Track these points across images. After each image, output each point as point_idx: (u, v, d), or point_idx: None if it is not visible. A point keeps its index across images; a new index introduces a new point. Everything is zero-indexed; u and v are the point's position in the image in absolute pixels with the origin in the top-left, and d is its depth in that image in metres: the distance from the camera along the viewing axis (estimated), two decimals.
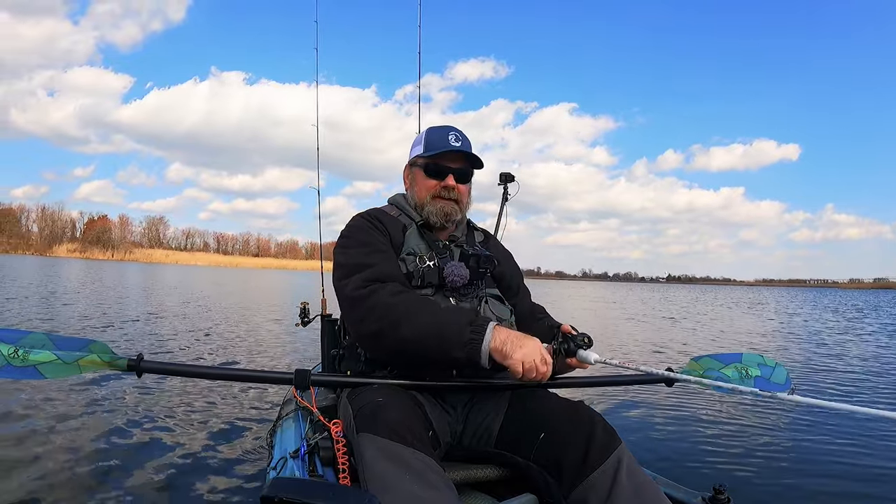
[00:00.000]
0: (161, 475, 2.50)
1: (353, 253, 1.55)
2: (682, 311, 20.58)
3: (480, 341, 1.34)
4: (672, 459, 3.17)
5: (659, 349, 8.57)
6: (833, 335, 11.54)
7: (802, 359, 7.71)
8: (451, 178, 1.66)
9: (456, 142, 1.66)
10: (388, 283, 1.45)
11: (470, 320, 1.38)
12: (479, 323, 1.38)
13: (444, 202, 1.66)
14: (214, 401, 3.86)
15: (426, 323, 1.37)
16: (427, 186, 1.68)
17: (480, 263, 1.61)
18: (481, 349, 1.34)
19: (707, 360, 1.82)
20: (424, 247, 1.64)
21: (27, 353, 1.29)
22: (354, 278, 1.47)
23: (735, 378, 1.78)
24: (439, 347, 1.36)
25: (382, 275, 1.48)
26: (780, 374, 1.85)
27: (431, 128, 1.75)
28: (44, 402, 3.51)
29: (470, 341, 1.34)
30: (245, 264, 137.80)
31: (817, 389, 5.43)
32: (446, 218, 1.66)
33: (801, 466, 3.09)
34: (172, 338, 7.19)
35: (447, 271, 1.56)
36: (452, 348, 1.35)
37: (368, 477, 1.15)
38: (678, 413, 4.20)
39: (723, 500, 1.40)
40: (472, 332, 1.35)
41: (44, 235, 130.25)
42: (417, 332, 1.36)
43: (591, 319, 14.85)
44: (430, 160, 1.67)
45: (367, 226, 1.64)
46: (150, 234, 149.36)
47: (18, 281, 17.70)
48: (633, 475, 1.22)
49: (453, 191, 1.66)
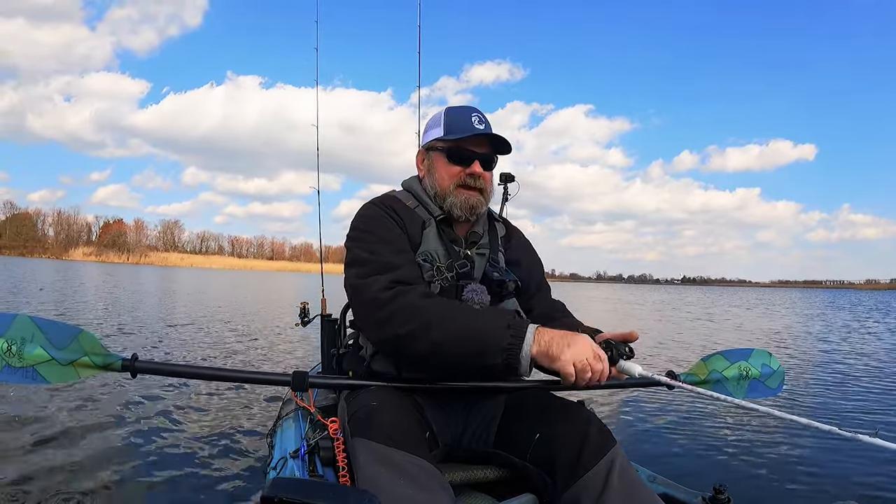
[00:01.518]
0: (161, 475, 2.50)
1: (377, 248, 1.41)
2: (708, 312, 20.46)
3: (520, 346, 1.22)
4: (672, 459, 3.17)
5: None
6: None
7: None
8: (476, 164, 1.50)
9: (479, 124, 1.51)
10: (417, 286, 1.36)
11: (508, 322, 1.25)
12: (519, 325, 1.24)
13: (468, 193, 1.51)
14: (215, 401, 3.86)
15: (461, 325, 1.25)
16: (450, 174, 1.52)
17: (504, 289, 1.50)
18: (521, 354, 1.22)
19: (715, 359, 1.78)
20: (443, 252, 1.50)
21: (21, 350, 1.25)
22: (381, 278, 1.34)
23: (734, 378, 1.75)
24: (475, 352, 1.24)
25: (408, 278, 1.37)
26: (776, 378, 1.83)
27: (451, 108, 1.58)
28: (40, 400, 3.50)
29: (509, 346, 1.22)
30: (259, 267, 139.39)
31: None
32: (471, 211, 1.52)
33: (801, 466, 3.08)
34: (177, 337, 7.20)
35: (467, 296, 1.45)
36: (488, 353, 1.23)
37: (362, 481, 1.15)
38: (678, 413, 4.21)
39: (723, 500, 1.40)
40: (512, 335, 1.22)
41: (59, 239, 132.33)
42: (451, 335, 1.25)
43: (626, 321, 14.73)
44: (453, 144, 1.51)
45: (384, 217, 1.49)
46: (165, 237, 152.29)
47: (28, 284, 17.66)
48: (625, 476, 1.21)
49: (479, 179, 1.51)
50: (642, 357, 7.59)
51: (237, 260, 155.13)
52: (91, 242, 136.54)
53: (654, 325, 13.63)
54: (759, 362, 1.82)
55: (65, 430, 3.03)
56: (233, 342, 7.21)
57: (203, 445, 2.95)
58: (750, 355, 1.82)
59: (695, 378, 1.74)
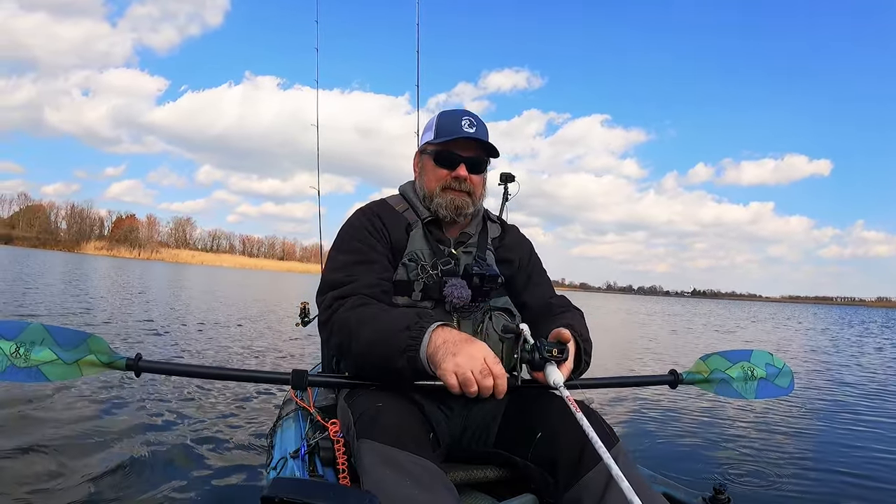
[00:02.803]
0: (161, 474, 2.50)
1: (339, 261, 1.48)
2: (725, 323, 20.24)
3: (418, 347, 1.19)
4: (672, 459, 3.16)
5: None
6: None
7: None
8: (462, 167, 1.52)
9: (469, 127, 1.52)
10: (351, 297, 1.38)
11: (409, 324, 1.23)
12: (419, 326, 1.21)
13: (454, 194, 1.53)
14: (215, 400, 3.85)
15: (371, 332, 1.26)
16: (437, 176, 1.55)
17: (484, 282, 1.49)
18: (419, 356, 1.19)
19: (715, 359, 1.75)
20: (429, 252, 1.52)
21: (28, 352, 1.29)
22: (328, 296, 1.41)
23: (740, 378, 1.73)
24: (384, 356, 1.24)
25: (356, 289, 1.39)
26: (784, 377, 1.80)
27: (443, 111, 1.60)
28: (41, 399, 3.50)
29: (408, 348, 1.20)
30: (269, 267, 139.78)
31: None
32: (457, 212, 1.54)
33: (801, 467, 3.08)
34: (182, 336, 7.17)
35: (447, 291, 1.46)
36: (393, 357, 1.22)
37: (367, 482, 1.14)
38: (679, 413, 4.20)
39: (723, 500, 1.39)
40: (411, 337, 1.20)
41: (72, 232, 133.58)
42: (366, 342, 1.27)
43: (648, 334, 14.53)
44: (440, 147, 1.54)
45: (364, 227, 1.54)
46: (176, 234, 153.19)
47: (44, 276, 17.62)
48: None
49: (465, 182, 1.53)
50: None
51: (248, 259, 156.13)
52: (103, 237, 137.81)
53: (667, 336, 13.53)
54: (763, 362, 1.79)
55: (65, 429, 3.01)
56: (236, 342, 7.21)
57: (203, 445, 2.94)
58: (751, 356, 1.79)
59: (697, 377, 1.73)
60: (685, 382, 1.70)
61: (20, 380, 1.27)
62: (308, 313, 2.66)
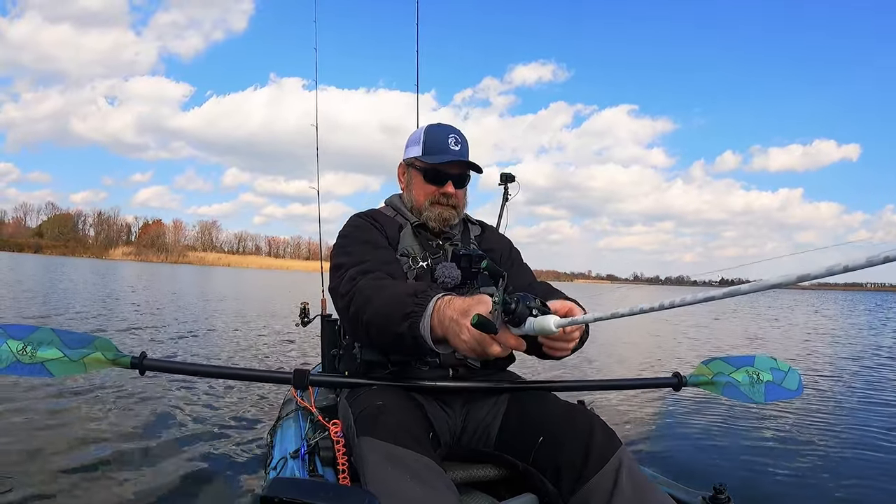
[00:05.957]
0: (160, 474, 2.50)
1: (353, 250, 1.54)
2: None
3: (421, 314, 1.16)
4: (672, 459, 3.15)
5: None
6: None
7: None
8: (450, 185, 1.66)
9: (455, 145, 1.66)
10: (373, 272, 1.42)
11: (416, 290, 1.22)
12: (427, 294, 1.19)
13: (442, 208, 1.66)
14: (215, 400, 3.85)
15: (384, 297, 1.28)
16: (426, 192, 1.67)
17: (472, 263, 1.55)
18: (421, 323, 1.16)
19: (718, 364, 1.77)
20: (418, 247, 1.64)
21: (35, 350, 1.33)
22: (351, 271, 1.44)
23: (745, 383, 1.73)
24: (387, 319, 1.23)
25: (375, 266, 1.45)
26: (792, 379, 1.80)
27: (430, 127, 1.72)
28: (43, 396, 3.52)
29: (410, 313, 1.18)
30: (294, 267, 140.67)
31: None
32: (445, 223, 1.67)
33: (801, 466, 3.05)
34: (191, 333, 7.18)
35: (438, 272, 1.54)
36: (394, 321, 1.21)
37: (369, 481, 1.14)
38: (678, 413, 4.18)
39: (723, 500, 1.39)
40: (416, 303, 1.18)
41: (100, 239, 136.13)
42: (377, 307, 1.28)
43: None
44: (428, 166, 1.66)
45: (366, 225, 1.65)
46: (203, 237, 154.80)
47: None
48: (633, 478, 1.20)
49: (452, 197, 1.67)
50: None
51: (273, 260, 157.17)
52: (130, 242, 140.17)
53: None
54: (767, 366, 1.81)
55: (65, 428, 3.02)
56: (242, 342, 7.21)
57: (203, 444, 2.94)
58: (754, 361, 1.80)
59: (702, 378, 1.74)
60: (689, 385, 1.72)
61: (24, 374, 1.32)
62: (308, 313, 2.65)
